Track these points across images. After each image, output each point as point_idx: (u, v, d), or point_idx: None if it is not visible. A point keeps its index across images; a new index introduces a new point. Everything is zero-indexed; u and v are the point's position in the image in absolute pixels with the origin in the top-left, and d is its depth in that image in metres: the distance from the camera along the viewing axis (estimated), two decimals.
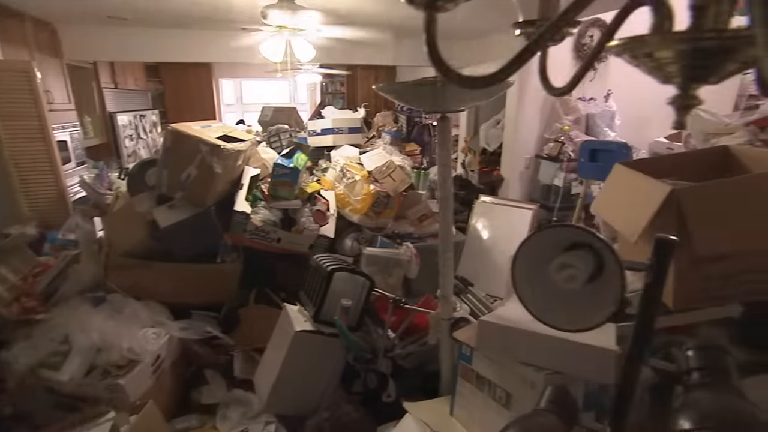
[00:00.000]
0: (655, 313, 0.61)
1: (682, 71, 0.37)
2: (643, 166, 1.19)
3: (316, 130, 3.22)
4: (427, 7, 0.32)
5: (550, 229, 0.60)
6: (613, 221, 1.13)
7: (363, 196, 2.56)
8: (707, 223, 0.90)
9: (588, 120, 3.51)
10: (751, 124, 1.45)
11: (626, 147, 2.25)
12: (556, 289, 0.58)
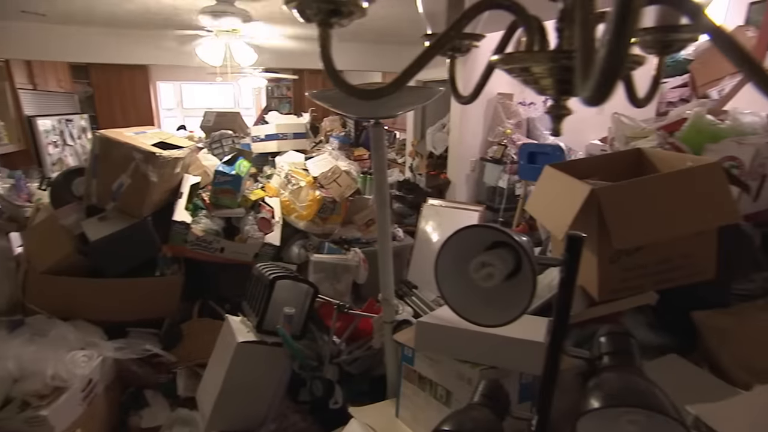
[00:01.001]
0: (570, 305, 0.67)
1: (554, 85, 0.41)
2: (570, 168, 1.27)
3: (259, 135, 3.17)
4: (321, 24, 0.33)
5: (468, 230, 0.64)
6: (543, 220, 1.21)
7: (309, 202, 2.55)
8: (623, 219, 0.98)
9: (529, 123, 3.68)
10: (661, 128, 1.59)
11: (560, 149, 2.40)
12: (477, 286, 0.61)
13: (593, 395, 0.60)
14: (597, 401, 0.59)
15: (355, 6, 0.33)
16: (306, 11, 0.33)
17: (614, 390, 0.60)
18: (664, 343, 1.19)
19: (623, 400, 0.59)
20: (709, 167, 1.00)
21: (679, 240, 1.03)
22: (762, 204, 1.41)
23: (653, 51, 0.51)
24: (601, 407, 0.58)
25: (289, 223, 2.70)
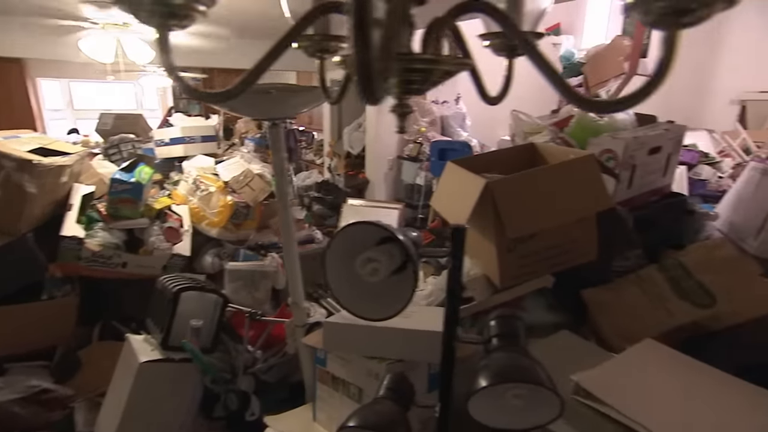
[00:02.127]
0: (459, 293, 0.71)
1: (398, 85, 0.44)
2: (470, 163, 1.35)
3: (163, 139, 2.98)
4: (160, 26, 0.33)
5: (354, 227, 0.66)
6: (445, 214, 1.27)
7: (220, 208, 2.45)
8: (515, 209, 1.06)
9: (442, 121, 3.84)
10: (553, 125, 1.74)
11: (468, 146, 2.53)
12: (366, 282, 0.63)
13: (482, 375, 0.65)
14: (485, 380, 0.64)
15: (192, 9, 0.32)
16: (140, 14, 0.32)
17: (500, 369, 0.66)
18: (561, 321, 1.31)
19: (507, 377, 0.64)
20: (584, 159, 1.12)
21: (565, 226, 1.14)
22: (635, 190, 1.60)
23: (503, 54, 0.56)
24: (489, 385, 0.63)
25: (200, 231, 2.57)
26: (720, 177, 3.60)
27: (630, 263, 1.37)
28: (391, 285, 0.65)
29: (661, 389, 0.82)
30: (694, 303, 1.08)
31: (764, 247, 1.55)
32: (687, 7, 0.29)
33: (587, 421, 0.79)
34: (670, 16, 0.30)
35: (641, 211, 1.59)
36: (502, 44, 0.54)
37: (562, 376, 0.87)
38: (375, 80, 0.26)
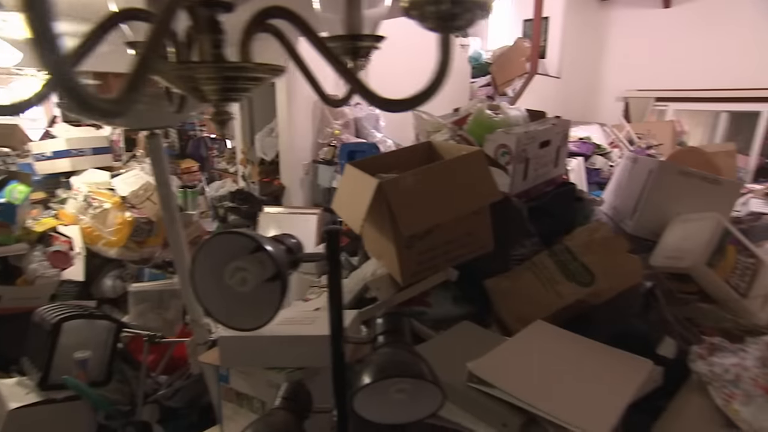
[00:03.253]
0: (340, 294, 0.72)
1: (217, 93, 0.44)
2: (369, 164, 1.37)
3: (44, 153, 2.69)
4: None
5: (217, 237, 0.64)
6: (345, 217, 1.28)
7: (117, 226, 2.27)
8: (408, 207, 1.09)
9: (356, 123, 3.87)
10: (453, 123, 1.82)
11: (375, 147, 2.57)
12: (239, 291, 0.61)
13: (365, 372, 0.65)
14: (368, 377, 0.64)
15: None
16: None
17: (382, 365, 0.66)
18: (467, 313, 1.36)
19: (388, 372, 0.65)
20: (473, 155, 1.18)
21: (461, 220, 1.20)
22: (530, 182, 1.71)
23: (347, 57, 0.57)
24: (371, 382, 0.64)
25: (96, 252, 2.36)
26: (611, 165, 4.00)
27: (527, 251, 1.46)
28: (267, 294, 0.63)
29: (546, 366, 0.88)
30: (579, 282, 1.18)
31: (639, 226, 1.74)
32: (452, 12, 0.32)
33: (481, 406, 0.83)
34: (443, 20, 0.32)
35: (537, 200, 1.71)
36: (342, 47, 0.54)
37: (462, 365, 0.91)
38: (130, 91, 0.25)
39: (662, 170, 1.69)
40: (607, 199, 2.06)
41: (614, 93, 6.18)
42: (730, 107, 5.56)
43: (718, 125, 5.78)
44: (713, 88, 5.44)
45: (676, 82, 5.71)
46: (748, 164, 5.19)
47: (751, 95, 5.22)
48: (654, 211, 1.69)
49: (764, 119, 5.27)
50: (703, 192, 1.70)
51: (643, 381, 0.84)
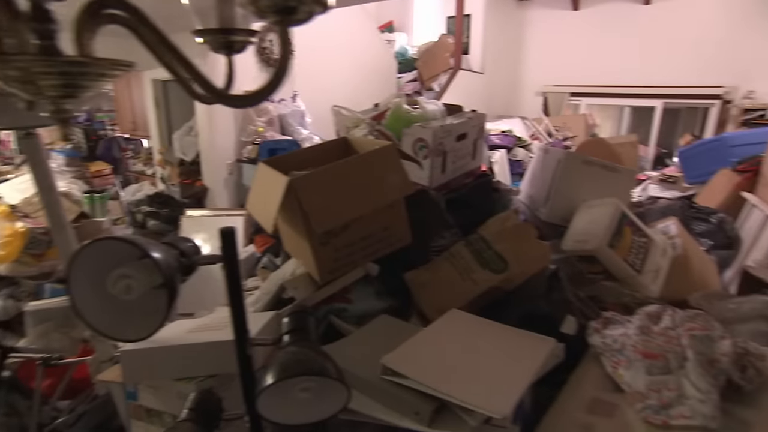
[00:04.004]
0: (240, 296, 0.69)
1: (57, 90, 0.40)
2: (283, 161, 1.34)
3: None
4: None
5: (92, 245, 0.59)
6: (258, 217, 1.24)
7: (6, 238, 2.05)
8: (320, 204, 1.08)
9: (281, 120, 3.79)
10: (372, 118, 1.83)
11: (296, 143, 2.53)
12: (124, 300, 0.58)
13: (269, 373, 0.64)
14: (271, 377, 0.63)
15: None
16: None
17: (285, 365, 0.65)
18: (389, 307, 1.38)
19: (291, 372, 0.64)
20: (384, 149, 1.20)
21: (376, 215, 1.20)
22: (449, 174, 1.77)
23: (221, 51, 0.55)
24: (273, 383, 0.62)
25: None
26: (531, 157, 4.24)
27: (447, 242, 1.50)
28: (157, 301, 0.60)
29: (456, 353, 0.92)
30: (493, 270, 1.24)
31: (552, 213, 1.85)
32: (289, 5, 0.31)
33: (394, 397, 0.84)
34: (280, 13, 0.32)
35: (456, 192, 1.77)
36: (217, 41, 0.52)
37: (378, 359, 0.91)
38: None
39: (568, 160, 1.81)
40: (523, 189, 2.18)
41: (534, 88, 6.57)
42: (632, 102, 6.11)
43: (623, 118, 6.33)
44: (617, 84, 5.94)
45: (586, 78, 6.17)
46: (648, 153, 5.74)
47: (647, 92, 5.78)
48: (563, 198, 1.81)
49: (658, 113, 5.86)
50: (604, 179, 1.85)
51: (545, 358, 0.89)
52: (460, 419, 0.80)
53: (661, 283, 1.59)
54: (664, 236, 1.89)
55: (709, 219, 2.28)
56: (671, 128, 6.18)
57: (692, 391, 0.79)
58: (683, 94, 5.69)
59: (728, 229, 2.22)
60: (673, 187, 3.97)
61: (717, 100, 5.43)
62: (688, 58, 5.52)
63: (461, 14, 5.22)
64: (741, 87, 5.19)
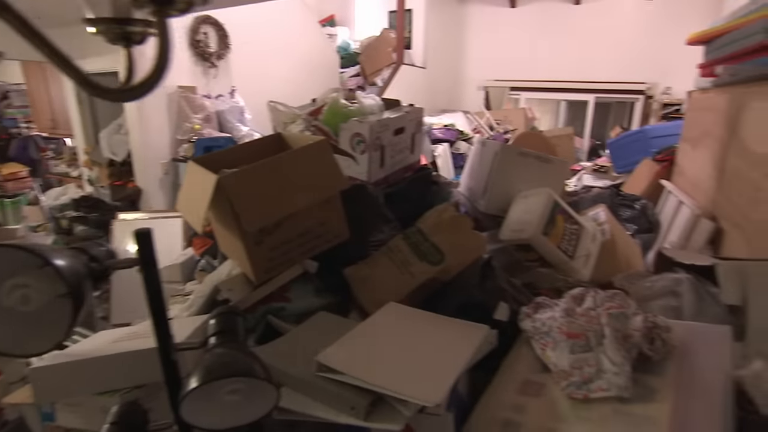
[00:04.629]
0: (161, 301, 0.67)
1: None
2: (216, 159, 1.30)
3: None
4: None
5: None
6: (188, 217, 1.20)
7: None
8: (250, 202, 1.06)
9: (219, 117, 3.66)
10: (309, 114, 1.81)
11: (233, 141, 2.47)
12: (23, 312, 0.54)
13: (192, 376, 0.62)
14: (195, 381, 0.61)
15: None
16: None
17: (209, 367, 0.63)
18: (328, 304, 1.37)
19: (215, 374, 0.62)
20: (316, 145, 1.19)
21: (311, 211, 1.20)
22: (388, 169, 1.78)
23: (119, 43, 0.52)
24: (197, 386, 0.60)
25: None
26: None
27: (386, 236, 1.52)
28: (63, 310, 0.56)
29: (391, 346, 0.93)
30: (430, 262, 1.26)
31: (490, 204, 1.92)
32: None
33: (330, 394, 0.84)
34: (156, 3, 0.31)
35: (396, 186, 1.79)
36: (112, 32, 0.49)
37: (314, 356, 0.91)
38: None
39: (504, 153, 1.88)
40: (463, 181, 2.24)
41: (475, 83, 6.76)
42: (567, 97, 6.45)
43: (559, 112, 6.66)
44: (553, 79, 6.25)
45: (525, 73, 6.44)
46: (583, 145, 6.09)
47: (580, 87, 6.13)
48: (500, 189, 1.88)
49: (591, 107, 6.22)
50: (538, 170, 1.93)
51: (478, 345, 0.92)
52: (395, 410, 0.81)
53: (592, 267, 1.69)
54: (594, 223, 2.01)
55: (634, 205, 2.45)
56: (603, 121, 6.57)
57: (608, 365, 0.85)
58: (612, 89, 6.08)
59: (650, 214, 2.39)
60: (604, 176, 4.22)
61: (641, 96, 5.85)
62: (615, 56, 5.89)
63: (402, 9, 5.27)
64: (660, 84, 5.63)
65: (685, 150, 2.44)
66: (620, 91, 6.02)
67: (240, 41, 3.96)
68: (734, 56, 1.64)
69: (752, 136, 1.55)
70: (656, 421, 0.78)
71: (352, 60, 5.87)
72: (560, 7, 6.18)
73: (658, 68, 5.58)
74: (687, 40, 2.13)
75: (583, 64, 6.11)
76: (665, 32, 5.40)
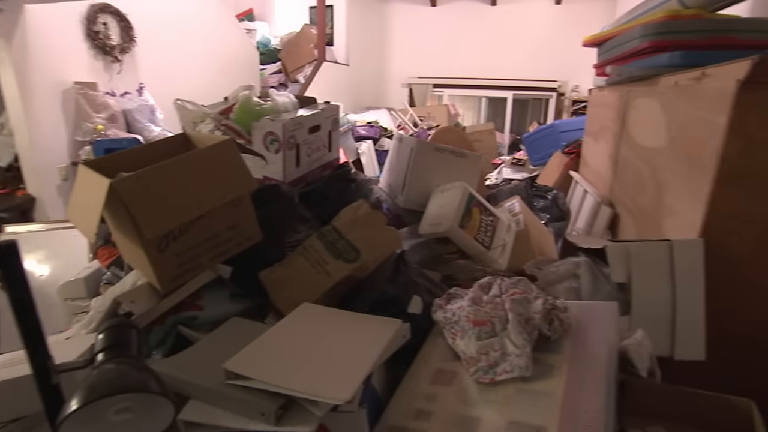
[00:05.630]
0: (36, 319, 0.62)
1: None
2: (114, 162, 1.22)
3: None
4: None
5: None
6: (79, 226, 1.11)
7: None
8: (149, 207, 1.00)
9: (126, 116, 3.43)
10: (220, 112, 1.75)
11: (137, 141, 2.33)
12: None
13: (73, 397, 0.58)
14: (75, 402, 0.57)
15: None
16: None
17: (93, 385, 0.60)
18: (245, 309, 1.34)
19: (99, 392, 0.59)
20: (221, 145, 1.15)
21: (218, 214, 1.16)
22: (305, 168, 1.77)
23: None
24: (77, 408, 0.56)
25: None
26: None
27: (302, 236, 1.51)
28: None
29: (302, 347, 0.93)
30: (346, 260, 1.27)
31: (408, 199, 1.97)
32: None
33: (240, 402, 0.83)
34: None
35: (313, 185, 1.78)
36: None
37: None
38: None
39: (420, 148, 1.93)
40: (383, 178, 2.28)
41: (399, 80, 6.89)
42: (487, 93, 6.78)
43: (481, 108, 6.98)
44: (474, 77, 6.53)
45: (447, 71, 6.67)
46: (504, 140, 6.43)
47: (499, 84, 6.47)
48: (418, 185, 1.94)
49: (510, 104, 6.59)
50: (455, 165, 2.01)
51: (390, 340, 0.95)
52: (307, 412, 0.81)
53: (508, 256, 1.79)
54: (509, 214, 2.13)
55: (546, 196, 2.63)
56: (522, 117, 6.98)
57: (512, 348, 0.91)
58: (528, 87, 6.48)
59: (560, 203, 2.58)
60: (522, 169, 4.49)
61: (554, 93, 6.28)
62: (529, 55, 6.29)
63: (323, 4, 5.24)
64: (570, 82, 6.09)
65: (589, 143, 2.66)
66: (535, 88, 6.43)
67: (147, 34, 3.72)
68: (620, 58, 1.82)
69: (636, 129, 1.72)
70: (553, 394, 0.84)
71: (272, 56, 5.74)
72: (478, 8, 6.47)
73: (567, 67, 6.02)
74: (582, 43, 2.32)
75: (500, 63, 6.45)
76: (571, 34, 5.84)
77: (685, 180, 1.26)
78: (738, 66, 0.99)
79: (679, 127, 1.34)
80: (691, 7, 1.58)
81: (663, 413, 0.97)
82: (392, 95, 6.85)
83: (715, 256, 1.11)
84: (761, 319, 1.14)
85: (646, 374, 0.98)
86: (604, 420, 0.77)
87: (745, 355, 1.16)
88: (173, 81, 3.94)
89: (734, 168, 1.06)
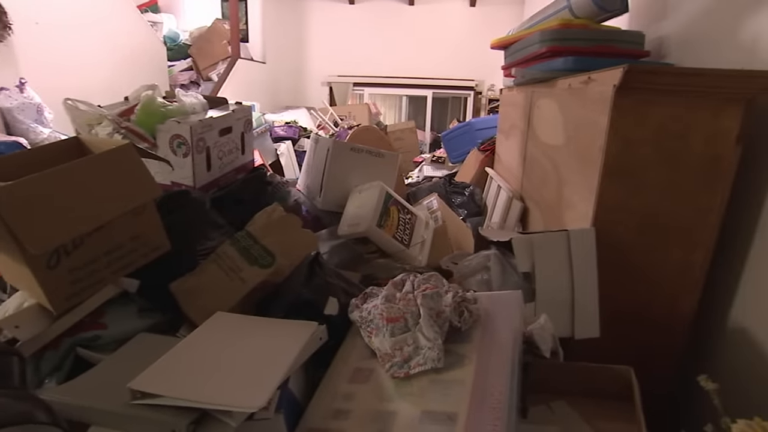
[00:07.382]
0: None
1: None
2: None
3: None
4: None
5: None
6: None
7: None
8: (33, 219, 0.93)
9: (6, 116, 3.09)
10: (119, 114, 1.65)
11: (19, 146, 2.13)
12: None
13: None
14: None
15: None
16: None
17: None
18: (155, 324, 1.28)
19: None
20: (120, 149, 1.10)
21: (118, 224, 1.10)
22: (216, 172, 1.73)
23: None
24: None
25: None
26: None
27: (215, 243, 1.47)
28: None
29: (213, 358, 0.92)
30: (261, 265, 1.27)
31: (326, 201, 1.99)
32: None
33: (148, 422, 0.80)
34: None
35: (227, 189, 1.74)
36: None
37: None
38: None
39: (336, 149, 1.96)
40: (301, 180, 2.28)
41: (319, 78, 6.86)
42: (407, 92, 6.96)
43: (402, 107, 7.15)
44: (394, 75, 6.68)
45: (367, 69, 6.75)
46: (426, 138, 6.65)
47: (419, 83, 6.68)
48: (335, 185, 1.96)
49: (430, 102, 6.82)
50: (372, 165, 2.06)
51: (305, 344, 0.96)
52: (221, 423, 0.81)
53: (427, 252, 1.87)
54: (428, 211, 2.22)
55: (464, 192, 2.77)
56: (442, 115, 7.25)
57: (424, 341, 0.97)
58: (447, 85, 6.74)
59: (477, 199, 2.73)
60: (442, 167, 4.67)
61: (471, 91, 6.60)
62: (446, 55, 6.54)
63: None
64: (486, 81, 6.43)
65: (501, 140, 2.84)
66: (453, 87, 6.71)
67: (27, 21, 3.38)
68: (523, 61, 1.97)
69: (540, 128, 1.88)
70: (463, 381, 0.91)
71: (182, 52, 5.47)
72: (396, 7, 6.62)
73: (484, 67, 6.35)
74: (490, 45, 2.47)
75: (420, 62, 6.65)
76: (486, 35, 6.16)
77: (580, 175, 1.40)
78: (614, 72, 1.13)
79: (574, 126, 1.48)
80: (580, 17, 1.76)
81: (565, 389, 1.08)
82: (312, 94, 6.80)
83: (605, 244, 1.25)
84: (644, 300, 1.30)
85: (549, 355, 1.09)
86: (507, 400, 0.84)
87: (633, 331, 1.32)
88: (63, 77, 3.61)
89: (616, 165, 1.20)
